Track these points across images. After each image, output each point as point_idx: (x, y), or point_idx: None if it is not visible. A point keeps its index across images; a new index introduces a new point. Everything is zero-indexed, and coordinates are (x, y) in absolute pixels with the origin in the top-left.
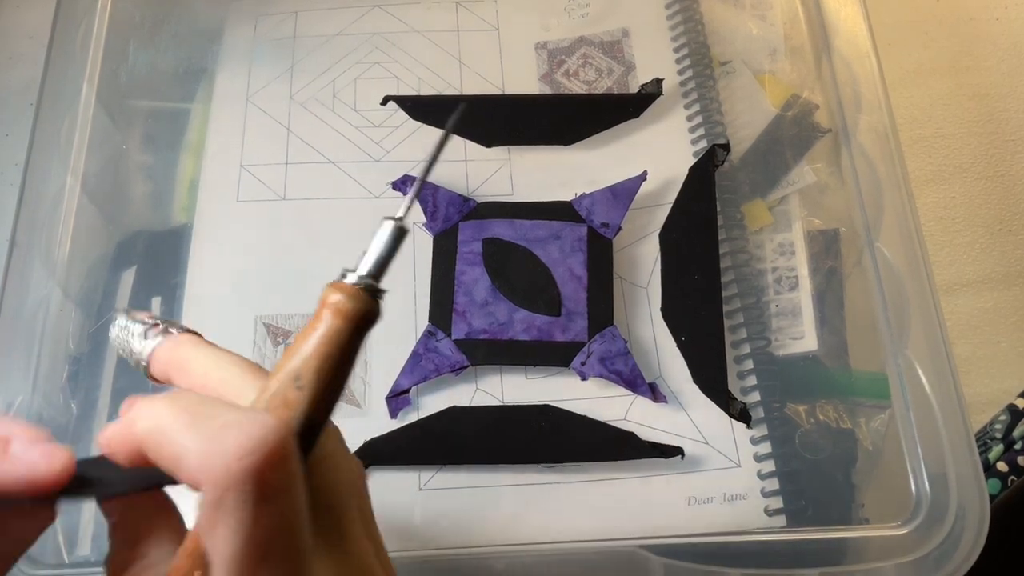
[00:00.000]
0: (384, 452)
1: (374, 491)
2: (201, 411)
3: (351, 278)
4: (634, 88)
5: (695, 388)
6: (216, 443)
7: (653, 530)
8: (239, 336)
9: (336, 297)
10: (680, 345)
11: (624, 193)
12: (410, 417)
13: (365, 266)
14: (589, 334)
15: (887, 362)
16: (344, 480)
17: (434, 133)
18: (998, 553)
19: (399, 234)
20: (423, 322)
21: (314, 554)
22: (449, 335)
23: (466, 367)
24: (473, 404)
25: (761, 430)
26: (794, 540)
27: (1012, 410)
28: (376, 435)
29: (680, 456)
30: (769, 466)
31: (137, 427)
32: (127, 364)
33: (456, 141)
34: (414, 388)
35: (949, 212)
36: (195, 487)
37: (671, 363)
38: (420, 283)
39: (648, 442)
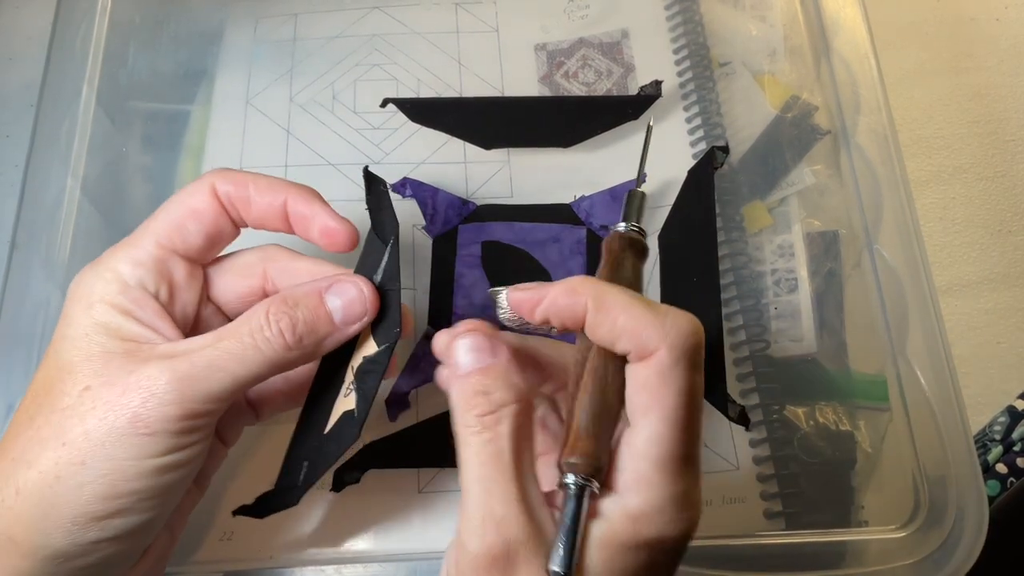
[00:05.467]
0: (383, 455)
1: (373, 494)
2: (643, 301)
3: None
4: (633, 90)
5: None
6: (671, 325)
7: None
8: None
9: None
10: None
11: (623, 195)
12: (409, 420)
13: None
14: None
15: (886, 364)
16: None
17: (434, 135)
18: (997, 555)
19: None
20: (422, 325)
21: None
22: None
23: None
24: None
25: (760, 432)
26: (793, 543)
27: (1011, 412)
28: (375, 438)
29: None
30: (768, 469)
31: (580, 295)
32: None
33: (455, 143)
34: (413, 391)
35: (948, 213)
36: (625, 351)
37: None
38: (419, 286)
39: None
